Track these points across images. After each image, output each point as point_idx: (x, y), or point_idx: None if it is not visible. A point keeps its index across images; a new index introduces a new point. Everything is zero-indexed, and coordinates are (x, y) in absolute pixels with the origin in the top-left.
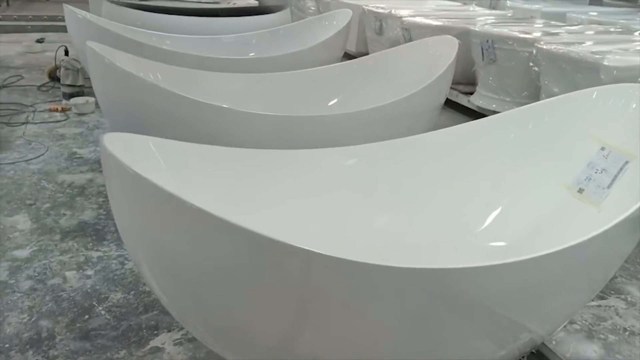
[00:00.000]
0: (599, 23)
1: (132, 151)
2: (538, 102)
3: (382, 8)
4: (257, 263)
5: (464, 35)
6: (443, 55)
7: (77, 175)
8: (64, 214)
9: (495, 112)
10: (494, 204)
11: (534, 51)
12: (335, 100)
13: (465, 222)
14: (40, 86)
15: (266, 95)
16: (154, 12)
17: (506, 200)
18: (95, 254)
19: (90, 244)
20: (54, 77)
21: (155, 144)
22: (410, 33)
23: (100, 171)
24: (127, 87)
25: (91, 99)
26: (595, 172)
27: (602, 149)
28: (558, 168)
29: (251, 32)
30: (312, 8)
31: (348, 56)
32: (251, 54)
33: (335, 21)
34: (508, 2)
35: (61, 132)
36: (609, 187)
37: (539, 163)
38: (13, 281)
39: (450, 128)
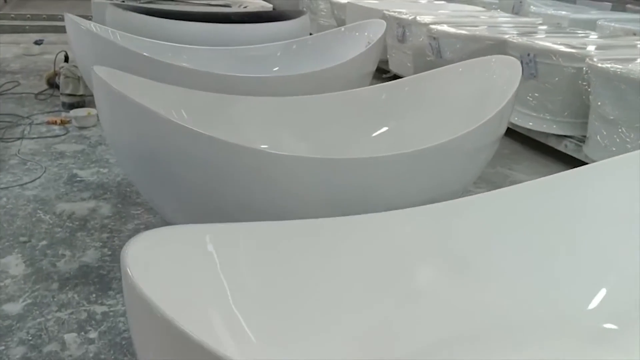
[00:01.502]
0: (634, 33)
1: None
2: None
3: (405, 13)
4: None
5: (499, 47)
6: (503, 78)
7: (78, 203)
8: (63, 255)
9: (531, 130)
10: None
11: (585, 68)
12: (382, 130)
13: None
14: (37, 94)
15: (301, 121)
16: (162, 17)
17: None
18: (99, 309)
19: (94, 296)
20: (52, 84)
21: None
22: (439, 42)
23: (104, 199)
24: (140, 122)
25: (93, 111)
26: None
27: None
28: None
29: (273, 42)
30: (324, 11)
31: None
32: (275, 69)
33: (366, 32)
34: (532, 7)
35: (60, 149)
36: None
37: None
38: (2, 347)
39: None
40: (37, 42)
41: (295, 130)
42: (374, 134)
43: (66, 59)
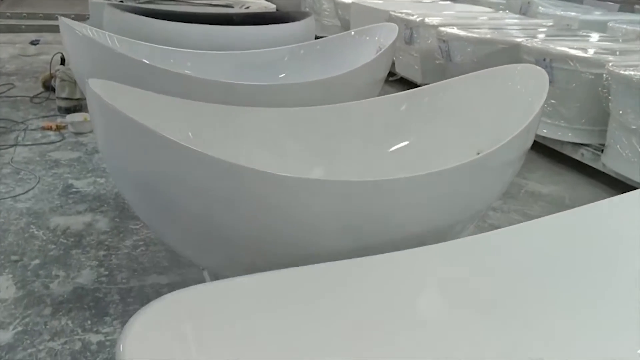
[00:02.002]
0: None
1: None
2: None
3: (412, 15)
4: None
5: (511, 51)
6: (528, 88)
7: (73, 217)
8: (57, 275)
9: (546, 138)
10: None
11: (605, 74)
12: (400, 144)
13: None
14: (33, 97)
15: (312, 134)
16: (161, 18)
17: None
18: (94, 338)
19: (89, 322)
20: (48, 86)
21: None
22: (448, 45)
23: (101, 212)
24: (137, 141)
25: (90, 116)
26: None
27: None
28: None
29: (278, 45)
30: (328, 11)
31: None
32: (282, 74)
33: (377, 36)
34: (540, 8)
35: (55, 156)
36: None
37: None
38: None
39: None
40: (33, 42)
41: (306, 144)
42: (391, 148)
43: (62, 61)
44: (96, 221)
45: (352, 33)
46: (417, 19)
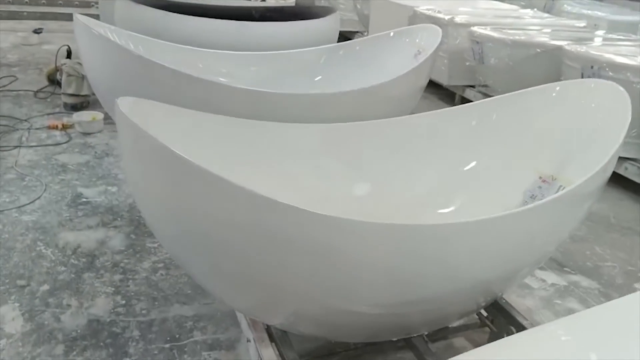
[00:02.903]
0: None
1: None
2: None
3: (440, 12)
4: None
5: (551, 55)
6: (603, 109)
7: (84, 233)
8: (68, 305)
9: None
10: None
11: None
12: (471, 164)
13: None
14: (37, 91)
15: (359, 150)
16: (175, 12)
17: None
18: None
19: None
20: (53, 80)
21: None
22: (482, 47)
23: (115, 227)
24: (175, 174)
25: (99, 115)
26: None
27: None
28: None
29: (301, 42)
30: (344, 4)
31: None
32: (318, 78)
33: (417, 38)
34: (566, 6)
35: (62, 160)
36: None
37: None
38: None
39: None
40: (36, 31)
41: (350, 164)
42: (444, 168)
43: (69, 55)
44: (109, 238)
45: (392, 34)
46: (446, 17)
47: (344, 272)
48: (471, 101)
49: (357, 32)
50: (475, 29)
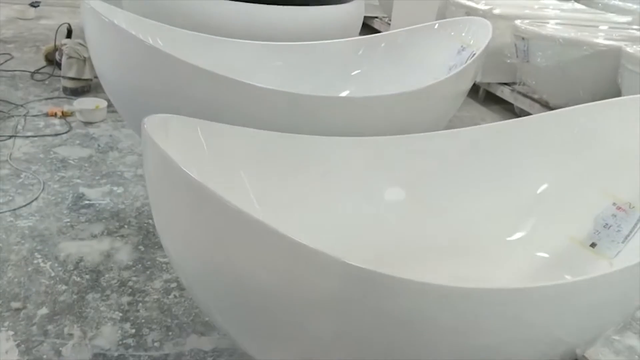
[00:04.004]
0: None
1: None
2: None
3: (475, 2)
4: None
5: (606, 56)
6: None
7: (87, 243)
8: (70, 335)
9: None
10: None
11: None
12: (535, 184)
13: None
14: (34, 72)
15: (411, 165)
16: None
17: None
18: None
19: None
20: (52, 60)
21: None
22: (528, 44)
23: (121, 236)
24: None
25: (102, 103)
26: None
27: None
28: None
29: (321, 28)
30: None
31: None
32: (356, 72)
33: (463, 32)
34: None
35: (62, 154)
36: None
37: None
38: None
39: None
40: (33, 4)
41: (401, 182)
42: (505, 187)
43: (69, 34)
44: (116, 250)
45: (436, 26)
46: (484, 8)
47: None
48: (504, 100)
49: (376, 17)
50: (519, 23)
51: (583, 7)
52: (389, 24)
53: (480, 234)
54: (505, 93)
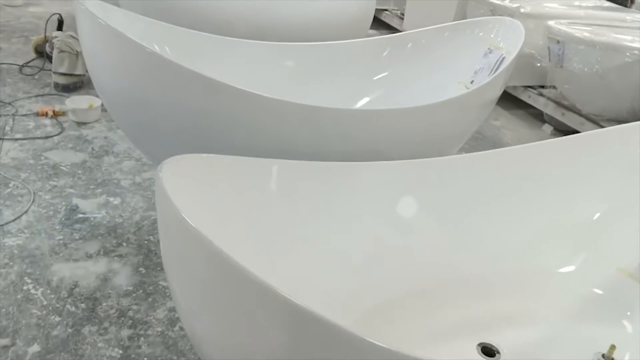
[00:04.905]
0: None
1: None
2: None
3: None
4: None
5: None
6: None
7: (82, 265)
8: None
9: None
10: None
11: None
12: (587, 215)
13: None
14: (23, 66)
15: (444, 188)
16: None
17: None
18: None
19: None
20: (42, 52)
21: None
22: (564, 48)
23: (119, 255)
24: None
25: (96, 102)
26: None
27: None
28: None
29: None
30: None
31: None
32: (383, 74)
33: (492, 34)
34: None
35: (54, 159)
36: None
37: None
38: None
39: None
40: None
41: (431, 207)
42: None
43: (60, 26)
44: (113, 273)
45: (462, 25)
46: (511, 6)
47: None
48: (526, 103)
49: (386, 9)
50: (553, 24)
51: (610, 4)
52: (401, 17)
53: (520, 265)
54: (532, 98)
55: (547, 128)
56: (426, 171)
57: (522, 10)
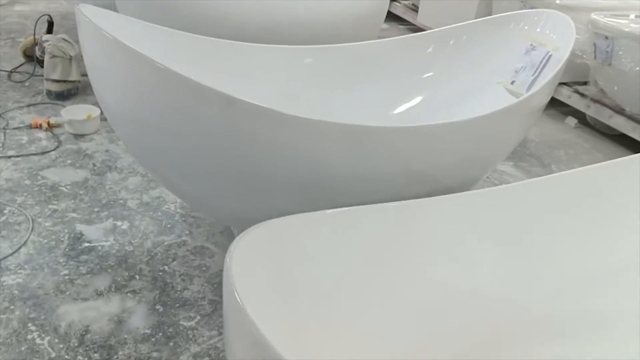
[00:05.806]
0: None
1: None
2: None
3: None
4: None
5: None
6: None
7: (92, 306)
8: None
9: None
10: None
11: None
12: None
13: None
14: (11, 72)
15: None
16: None
17: None
18: None
19: None
20: (31, 56)
21: None
22: (612, 44)
23: (133, 291)
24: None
25: (94, 111)
26: None
27: None
28: None
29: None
30: None
31: None
32: (428, 74)
33: (538, 28)
34: None
35: (52, 178)
36: None
37: None
38: None
39: None
40: None
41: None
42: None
43: (50, 28)
44: (128, 313)
45: (501, 19)
46: None
47: None
48: (560, 101)
49: (396, 0)
50: (598, 17)
51: None
52: (413, 9)
53: (598, 302)
54: (569, 97)
55: (571, 121)
56: (491, 202)
57: (557, 1)
